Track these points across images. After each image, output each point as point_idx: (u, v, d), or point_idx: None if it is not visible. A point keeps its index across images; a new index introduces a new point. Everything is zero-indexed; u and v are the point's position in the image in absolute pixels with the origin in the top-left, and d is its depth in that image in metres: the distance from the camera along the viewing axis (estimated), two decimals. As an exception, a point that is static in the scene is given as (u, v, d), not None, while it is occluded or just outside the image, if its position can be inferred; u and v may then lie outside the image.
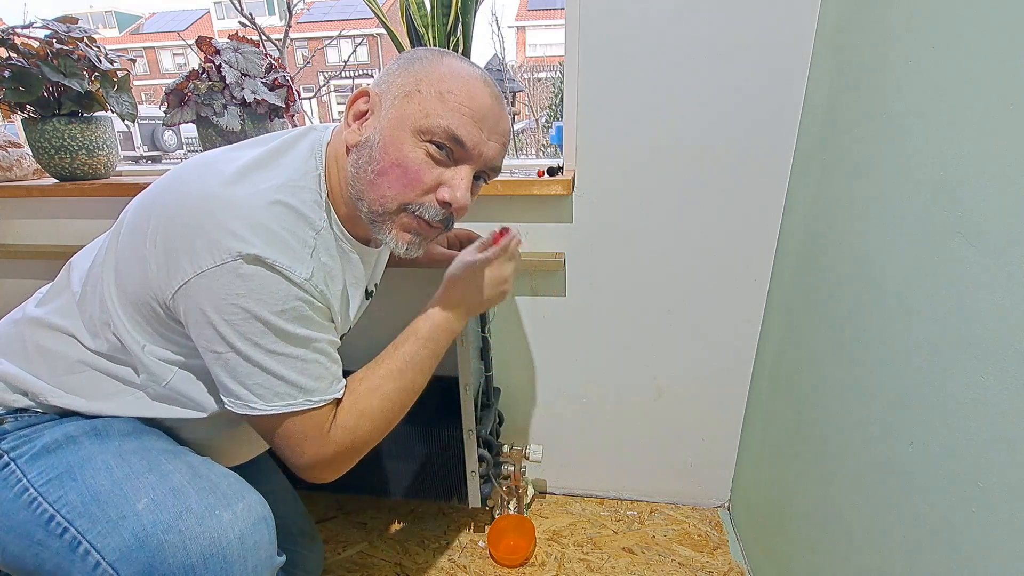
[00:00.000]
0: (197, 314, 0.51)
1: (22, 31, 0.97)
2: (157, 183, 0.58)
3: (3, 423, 0.57)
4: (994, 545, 0.44)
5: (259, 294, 0.50)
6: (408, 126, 0.56)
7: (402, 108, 0.56)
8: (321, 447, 0.57)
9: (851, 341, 0.69)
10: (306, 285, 0.53)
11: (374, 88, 0.59)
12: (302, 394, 0.55)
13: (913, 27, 0.58)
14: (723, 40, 0.86)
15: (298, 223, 0.55)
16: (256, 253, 0.49)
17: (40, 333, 0.60)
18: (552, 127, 3.53)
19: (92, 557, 0.50)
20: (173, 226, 0.51)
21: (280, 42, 1.20)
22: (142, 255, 0.53)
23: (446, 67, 0.57)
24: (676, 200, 0.97)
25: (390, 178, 0.57)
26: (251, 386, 0.53)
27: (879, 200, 0.64)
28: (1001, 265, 0.44)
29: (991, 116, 0.46)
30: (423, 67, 0.57)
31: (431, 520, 1.18)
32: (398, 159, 0.56)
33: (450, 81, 0.56)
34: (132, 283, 0.55)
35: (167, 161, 6.02)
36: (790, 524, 0.86)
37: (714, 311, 1.05)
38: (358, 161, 0.58)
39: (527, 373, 1.17)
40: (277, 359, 0.53)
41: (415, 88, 0.56)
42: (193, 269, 0.49)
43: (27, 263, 1.22)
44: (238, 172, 0.53)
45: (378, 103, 0.58)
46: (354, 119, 0.59)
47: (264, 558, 0.55)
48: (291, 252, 0.52)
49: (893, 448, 0.58)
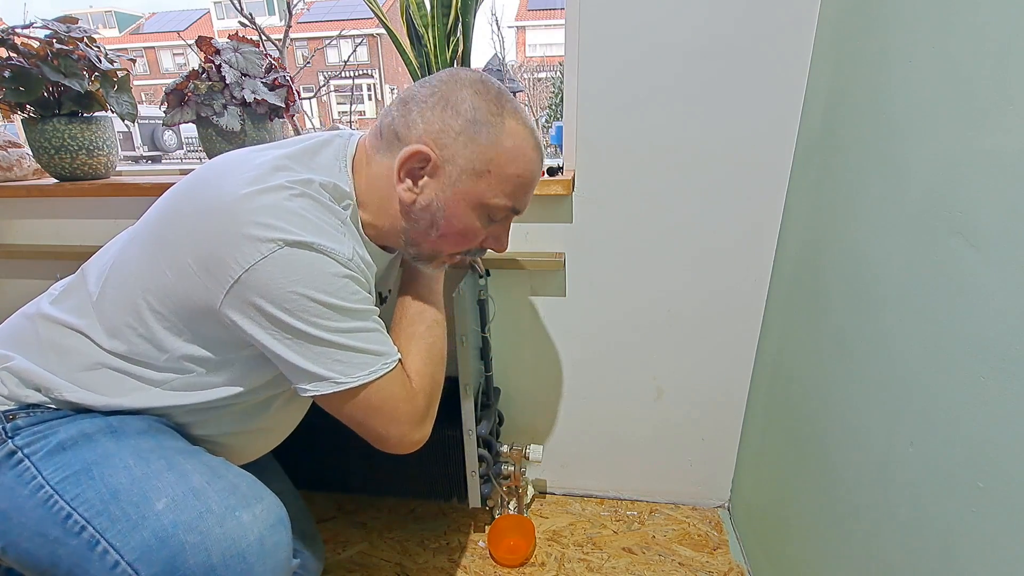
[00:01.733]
0: (253, 311, 0.52)
1: (22, 31, 0.97)
2: (181, 187, 0.58)
3: (16, 419, 0.56)
4: (994, 545, 0.44)
5: (311, 277, 0.51)
6: (475, 201, 0.60)
7: (470, 185, 0.59)
8: (413, 402, 0.61)
9: (851, 341, 0.69)
10: (350, 264, 0.55)
11: (430, 148, 0.58)
12: (378, 360, 0.57)
13: (913, 27, 0.58)
14: (723, 40, 0.86)
15: (326, 213, 0.56)
16: (299, 239, 0.50)
17: (55, 331, 0.60)
18: (552, 127, 3.53)
19: (111, 556, 0.50)
20: (208, 229, 0.51)
21: (280, 42, 1.20)
22: (176, 259, 0.53)
23: (512, 141, 0.58)
24: (676, 200, 0.97)
25: (450, 240, 0.63)
26: (329, 364, 0.54)
27: (879, 200, 0.64)
28: (1001, 265, 0.44)
29: (991, 116, 0.46)
30: (490, 140, 0.57)
31: (431, 520, 1.18)
32: (462, 230, 0.62)
33: (517, 162, 0.59)
34: (165, 286, 0.55)
35: (167, 161, 6.03)
36: (790, 524, 0.86)
37: (714, 311, 1.05)
38: (416, 222, 0.61)
39: (527, 373, 1.17)
40: (343, 335, 0.54)
41: (485, 169, 0.58)
42: (241, 266, 0.50)
43: (27, 263, 1.22)
44: (264, 173, 0.54)
45: (439, 169, 0.58)
46: (407, 175, 0.59)
47: (282, 559, 0.56)
48: (330, 236, 0.54)
49: (893, 448, 0.58)
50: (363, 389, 0.56)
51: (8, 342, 0.61)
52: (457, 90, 0.58)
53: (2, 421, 0.56)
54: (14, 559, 0.54)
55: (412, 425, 0.62)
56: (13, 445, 0.55)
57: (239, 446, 0.70)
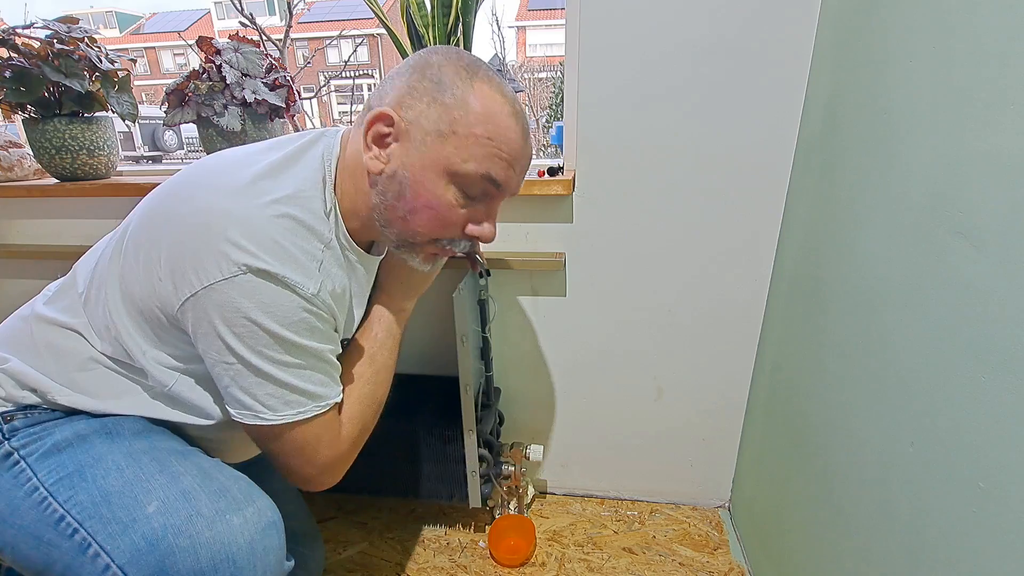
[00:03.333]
0: (205, 326, 0.51)
1: (23, 31, 0.97)
2: (165, 187, 0.57)
3: (13, 419, 0.57)
4: (994, 545, 0.44)
5: (268, 307, 0.50)
6: (441, 168, 0.55)
7: (435, 149, 0.55)
8: (336, 446, 0.60)
9: (851, 340, 0.69)
10: (314, 300, 0.53)
11: (395, 110, 0.55)
12: (311, 400, 0.56)
13: (913, 27, 0.58)
14: (724, 40, 0.86)
15: (307, 237, 0.55)
16: (265, 267, 0.49)
17: (49, 331, 0.60)
18: (552, 127, 3.53)
19: (102, 560, 0.50)
20: (181, 237, 0.50)
21: (280, 42, 1.20)
22: (148, 263, 0.53)
23: (480, 102, 0.55)
24: (676, 200, 0.97)
25: (422, 218, 0.58)
26: (260, 396, 0.53)
27: (879, 200, 0.64)
28: (1001, 265, 0.44)
29: (991, 116, 0.46)
30: (455, 99, 0.54)
31: (431, 520, 1.18)
32: (430, 202, 0.57)
33: (487, 123, 0.55)
34: (137, 289, 0.54)
35: (168, 161, 6.04)
36: (790, 524, 0.86)
37: (714, 311, 1.05)
38: (384, 193, 0.57)
39: (527, 373, 1.17)
40: (285, 369, 0.53)
41: (449, 129, 0.54)
42: (201, 282, 0.49)
43: (27, 263, 1.22)
44: (248, 182, 0.53)
45: (404, 132, 0.55)
46: (373, 142, 0.57)
47: (273, 563, 0.55)
48: (300, 267, 0.52)
49: (893, 448, 0.58)
50: (288, 428, 0.55)
51: (4, 344, 0.61)
52: (428, 56, 0.57)
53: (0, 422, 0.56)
54: (11, 560, 0.54)
55: (327, 470, 0.60)
56: (10, 447, 0.55)
57: (235, 446, 0.70)
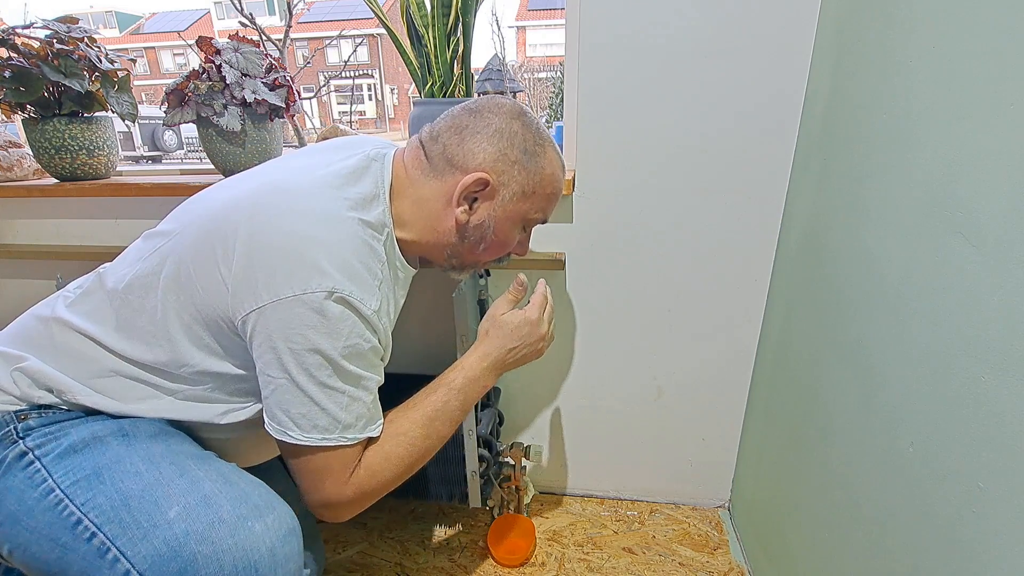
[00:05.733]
0: (263, 337, 0.53)
1: (23, 31, 0.97)
2: (227, 198, 0.58)
3: (27, 419, 0.56)
4: (994, 545, 0.44)
5: (328, 328, 0.53)
6: (519, 219, 0.68)
7: (517, 206, 0.66)
8: (341, 487, 0.58)
9: (851, 341, 0.69)
10: (373, 318, 0.56)
11: (489, 174, 0.63)
12: (339, 429, 0.56)
13: (913, 26, 0.58)
14: (723, 40, 0.86)
15: (371, 256, 0.58)
16: (336, 288, 0.52)
17: (70, 336, 0.59)
18: (552, 127, 3.53)
19: (122, 565, 0.49)
20: (258, 254, 0.53)
21: (280, 42, 1.20)
22: (216, 273, 0.54)
23: (550, 167, 0.67)
24: (676, 200, 0.97)
25: (491, 251, 0.70)
26: (294, 415, 0.54)
27: (879, 199, 0.64)
28: (1001, 265, 0.44)
29: (991, 115, 0.46)
30: (537, 167, 0.65)
31: (431, 520, 1.18)
32: (504, 242, 0.69)
33: (553, 183, 0.68)
34: (200, 297, 0.55)
35: (167, 161, 6.03)
36: (790, 524, 0.86)
37: (714, 311, 1.05)
38: (466, 238, 0.67)
39: (527, 373, 1.17)
40: (326, 392, 0.54)
41: (531, 191, 0.66)
42: (270, 296, 0.52)
43: (27, 263, 1.22)
44: (327, 205, 0.56)
45: (493, 191, 0.64)
46: (464, 199, 0.64)
47: (293, 570, 0.55)
48: (365, 285, 0.56)
49: (893, 448, 0.58)
50: (306, 449, 0.56)
51: (21, 342, 0.60)
52: (509, 122, 0.64)
53: (13, 421, 0.55)
54: (21, 562, 0.53)
55: (331, 507, 0.59)
56: (25, 446, 0.54)
57: (248, 450, 0.70)
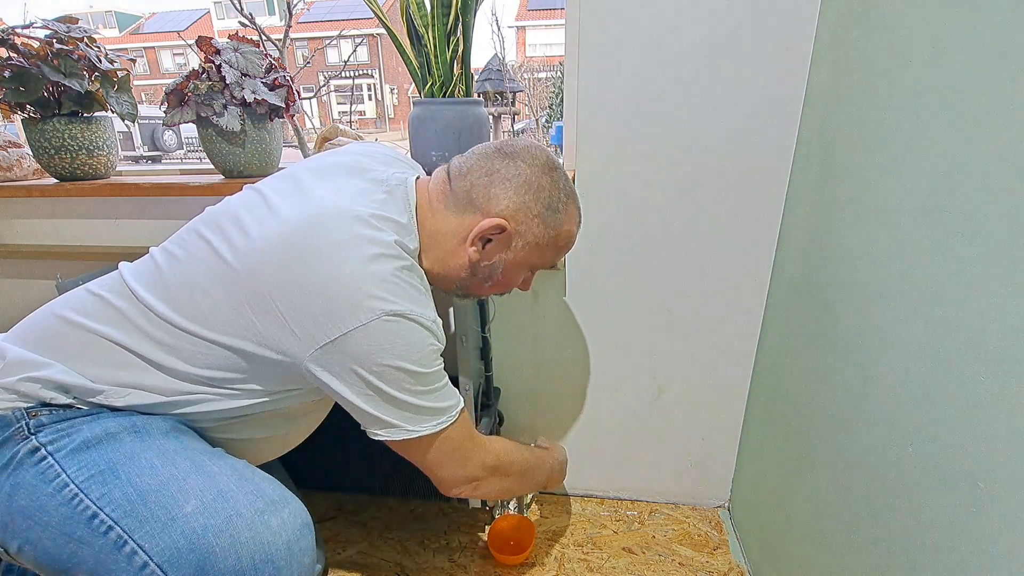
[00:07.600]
0: (340, 368, 0.56)
1: (22, 31, 0.97)
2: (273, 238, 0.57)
3: (38, 415, 0.56)
4: (994, 545, 0.44)
5: (401, 346, 0.56)
6: (528, 265, 0.71)
7: (529, 253, 0.68)
8: (480, 447, 0.69)
9: (850, 341, 0.69)
10: (434, 327, 0.59)
11: (509, 222, 0.65)
12: (445, 413, 0.63)
13: (913, 26, 0.58)
14: (723, 40, 0.86)
15: (414, 275, 0.61)
16: (395, 308, 0.55)
17: (95, 342, 0.59)
18: (552, 127, 3.53)
19: (139, 557, 0.49)
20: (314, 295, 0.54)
21: (280, 42, 1.19)
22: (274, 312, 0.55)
23: (569, 224, 0.69)
24: (676, 200, 0.97)
25: (496, 288, 0.73)
26: (407, 418, 0.60)
27: (878, 200, 0.64)
28: (1001, 265, 0.44)
29: (991, 115, 0.46)
30: (556, 222, 0.67)
31: (431, 520, 1.18)
32: (510, 282, 0.72)
33: (569, 238, 0.71)
34: (250, 329, 0.57)
35: (167, 161, 6.02)
36: (790, 524, 0.86)
37: (714, 311, 1.05)
38: (476, 275, 0.69)
39: (527, 373, 1.17)
40: (421, 396, 0.60)
41: (545, 243, 0.68)
42: (339, 330, 0.54)
43: (27, 263, 1.22)
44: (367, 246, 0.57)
45: (509, 241, 0.66)
46: (479, 240, 0.66)
47: (308, 564, 0.56)
48: (420, 300, 0.59)
49: (893, 448, 0.58)
50: (430, 437, 0.62)
51: (44, 347, 0.59)
52: (540, 176, 0.66)
53: (24, 418, 0.55)
54: (31, 558, 0.53)
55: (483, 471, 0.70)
56: (37, 442, 0.54)
57: (257, 450, 0.70)
